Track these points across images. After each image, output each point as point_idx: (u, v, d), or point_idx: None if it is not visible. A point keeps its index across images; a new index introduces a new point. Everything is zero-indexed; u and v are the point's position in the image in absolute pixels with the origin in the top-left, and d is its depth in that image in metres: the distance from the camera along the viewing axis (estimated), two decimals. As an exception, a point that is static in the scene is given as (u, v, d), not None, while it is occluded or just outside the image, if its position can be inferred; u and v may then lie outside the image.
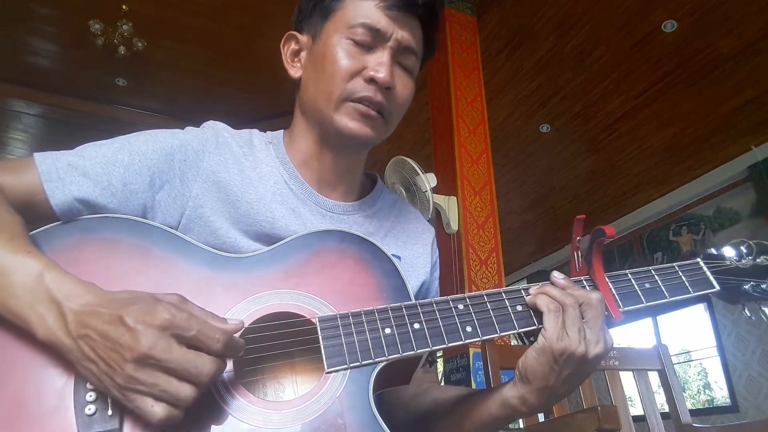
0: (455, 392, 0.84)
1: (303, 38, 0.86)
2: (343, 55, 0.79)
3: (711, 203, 5.63)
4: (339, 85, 0.78)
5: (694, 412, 5.41)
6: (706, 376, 5.96)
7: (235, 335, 0.58)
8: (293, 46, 0.87)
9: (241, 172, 0.79)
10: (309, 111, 0.84)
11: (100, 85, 5.15)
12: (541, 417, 1.68)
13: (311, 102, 0.82)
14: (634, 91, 4.68)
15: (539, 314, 0.68)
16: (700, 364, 6.03)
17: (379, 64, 0.78)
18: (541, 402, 0.69)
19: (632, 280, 0.76)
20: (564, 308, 0.66)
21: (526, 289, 0.71)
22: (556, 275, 0.72)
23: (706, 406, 5.82)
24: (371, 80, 0.78)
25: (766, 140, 5.02)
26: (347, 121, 0.78)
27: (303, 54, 0.86)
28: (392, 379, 0.69)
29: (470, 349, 2.92)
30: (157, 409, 0.52)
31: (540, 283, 0.71)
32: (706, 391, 5.93)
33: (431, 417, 0.84)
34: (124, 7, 4.18)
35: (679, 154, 5.38)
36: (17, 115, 5.42)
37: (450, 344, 0.66)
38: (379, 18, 0.79)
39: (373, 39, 0.79)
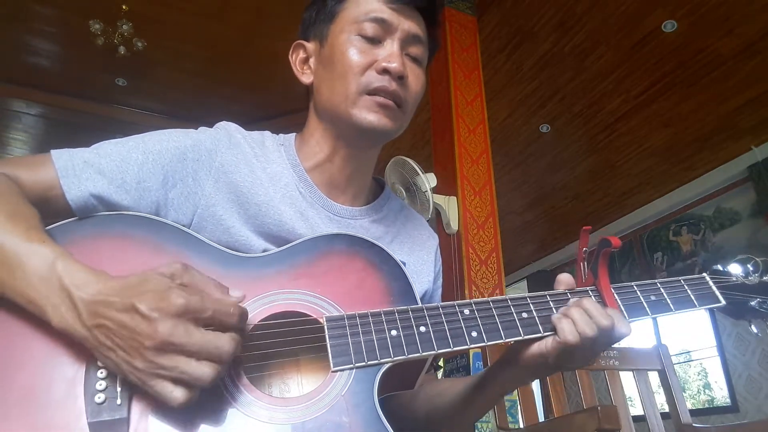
0: (449, 384, 0.86)
1: (310, 45, 0.88)
2: (353, 51, 0.80)
3: (711, 203, 5.63)
4: (353, 80, 0.79)
5: (694, 412, 5.41)
6: (706, 376, 5.96)
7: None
8: (301, 54, 0.89)
9: (251, 173, 0.80)
10: (325, 111, 0.84)
11: (100, 85, 5.14)
12: (541, 417, 1.68)
13: (326, 102, 0.83)
14: (634, 91, 4.68)
15: (550, 328, 0.69)
16: (700, 364, 6.03)
17: (389, 54, 0.80)
18: (531, 380, 0.77)
19: (638, 292, 0.76)
20: (580, 342, 0.67)
21: (532, 298, 0.72)
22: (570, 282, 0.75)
23: (706, 406, 5.82)
24: (384, 71, 0.79)
25: (766, 140, 5.02)
26: (365, 114, 0.79)
27: (311, 60, 0.87)
28: (396, 384, 0.70)
29: (470, 349, 2.92)
30: (177, 394, 0.53)
31: (563, 297, 0.72)
32: (706, 391, 5.93)
33: (431, 412, 0.86)
34: (124, 7, 4.17)
35: (679, 154, 5.38)
36: (17, 115, 5.41)
37: (455, 348, 0.66)
38: (383, 10, 0.81)
39: (381, 32, 0.81)
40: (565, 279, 0.75)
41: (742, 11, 3.84)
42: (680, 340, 6.11)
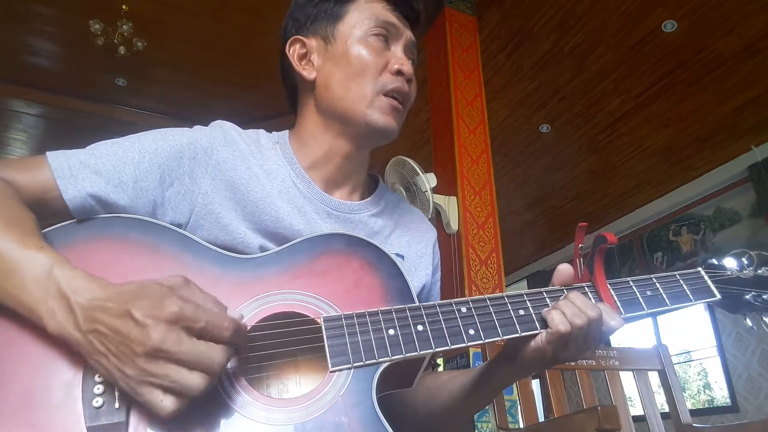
0: (449, 377, 0.87)
1: (310, 41, 0.88)
2: (369, 52, 0.83)
3: (711, 203, 5.63)
4: (370, 81, 0.82)
5: (694, 412, 5.41)
6: (706, 376, 5.96)
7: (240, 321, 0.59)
8: (299, 49, 0.89)
9: (248, 170, 0.80)
10: (332, 109, 0.85)
11: (100, 85, 5.15)
12: (541, 417, 1.68)
13: (337, 100, 0.84)
14: (634, 91, 4.69)
15: (545, 324, 0.70)
16: (700, 364, 6.04)
17: (401, 57, 0.84)
18: (530, 373, 0.78)
19: (634, 287, 0.76)
20: (572, 332, 0.67)
21: (528, 295, 0.72)
22: (562, 268, 0.75)
23: (706, 406, 5.82)
24: (398, 72, 0.83)
25: (766, 140, 5.03)
26: (379, 116, 0.82)
27: (314, 56, 0.87)
28: (394, 383, 0.70)
29: (470, 349, 2.92)
30: (167, 403, 0.52)
31: (559, 294, 0.73)
32: (706, 391, 5.93)
33: (431, 405, 0.87)
34: (124, 7, 4.18)
35: (679, 154, 5.39)
36: (17, 115, 5.42)
37: (453, 346, 0.66)
38: (390, 16, 0.85)
39: (389, 36, 0.85)
40: (563, 269, 0.75)
41: (742, 11, 3.84)
42: (680, 340, 6.11)
